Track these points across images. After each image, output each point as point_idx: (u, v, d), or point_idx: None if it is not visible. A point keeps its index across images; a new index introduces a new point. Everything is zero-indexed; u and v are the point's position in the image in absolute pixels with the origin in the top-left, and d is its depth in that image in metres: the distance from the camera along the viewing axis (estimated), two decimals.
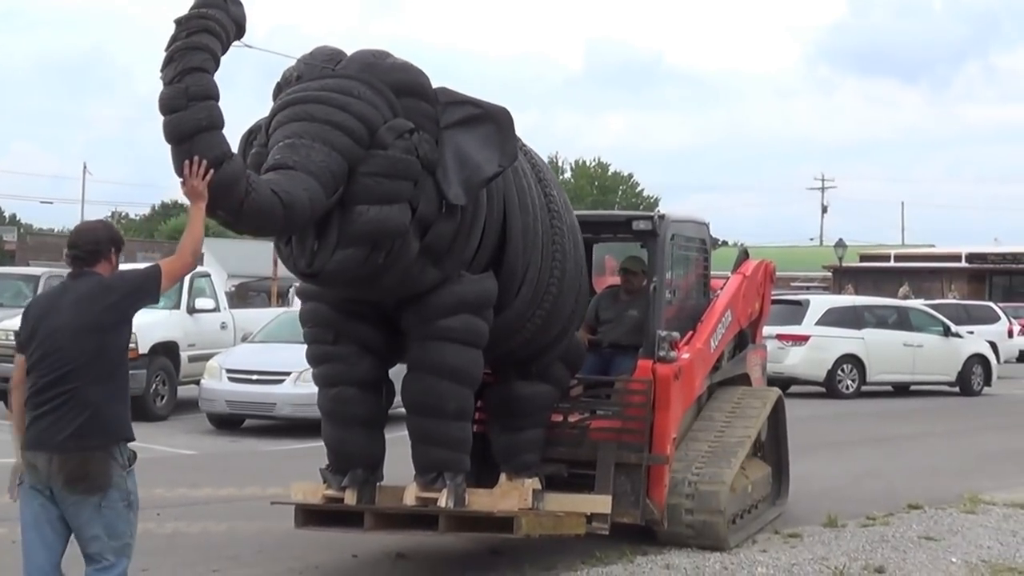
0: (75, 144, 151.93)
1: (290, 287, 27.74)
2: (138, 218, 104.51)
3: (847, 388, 25.25)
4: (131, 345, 6.64)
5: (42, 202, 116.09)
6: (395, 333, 8.51)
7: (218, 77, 6.83)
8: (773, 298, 26.75)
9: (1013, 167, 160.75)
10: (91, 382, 6.00)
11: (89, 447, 6.00)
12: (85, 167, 71.12)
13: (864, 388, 25.53)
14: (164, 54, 6.75)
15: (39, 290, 23.54)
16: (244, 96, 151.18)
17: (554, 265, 9.03)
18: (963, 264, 59.84)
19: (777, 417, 11.73)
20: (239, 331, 20.60)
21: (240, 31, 6.99)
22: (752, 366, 12.26)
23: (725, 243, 65.01)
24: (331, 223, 7.58)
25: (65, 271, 24.28)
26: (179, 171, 6.63)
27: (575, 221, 9.61)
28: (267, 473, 13.79)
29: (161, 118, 6.76)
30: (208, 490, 12.39)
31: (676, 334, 10.17)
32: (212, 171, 6.57)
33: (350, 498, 8.52)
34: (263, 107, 7.30)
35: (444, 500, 8.24)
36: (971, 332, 29.29)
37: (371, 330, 8.48)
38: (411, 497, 8.39)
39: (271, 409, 17.34)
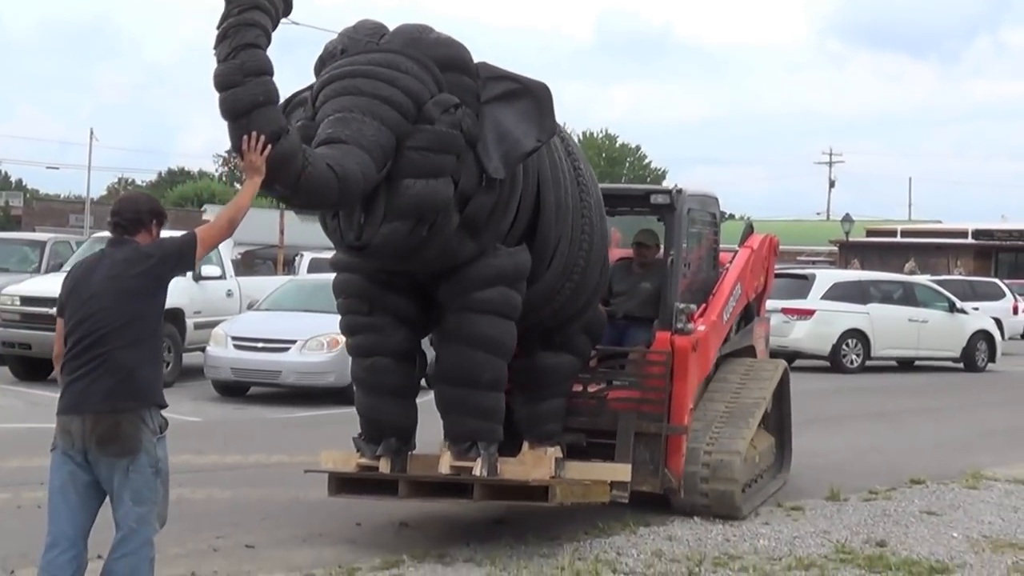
0: (82, 110, 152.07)
1: (296, 255, 27.73)
2: (145, 184, 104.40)
3: (851, 363, 25.28)
4: None
5: (48, 167, 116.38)
6: (428, 304, 8.62)
7: None
8: (779, 272, 26.94)
9: (1022, 144, 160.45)
10: (125, 346, 6.06)
11: (121, 409, 6.06)
12: (92, 133, 70.62)
13: (868, 363, 25.60)
14: (216, 31, 6.83)
15: (45, 256, 23.56)
16: None
17: (583, 238, 9.18)
18: (969, 240, 59.77)
19: (782, 388, 11.80)
20: (245, 299, 20.66)
21: (288, 7, 7.09)
22: (757, 338, 12.43)
23: (732, 216, 65.02)
24: (378, 197, 7.70)
25: (71, 237, 24.35)
26: (237, 146, 6.77)
27: (600, 194, 9.71)
28: (272, 441, 13.85)
29: (216, 94, 6.85)
30: (213, 457, 12.43)
31: (693, 306, 10.34)
32: (270, 146, 6.67)
33: (384, 467, 8.66)
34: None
35: (478, 469, 8.41)
36: (976, 308, 29.34)
37: (405, 301, 8.60)
38: (445, 466, 8.55)
39: (276, 377, 17.39)
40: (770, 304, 22.97)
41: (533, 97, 8.41)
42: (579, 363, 9.80)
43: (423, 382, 9.14)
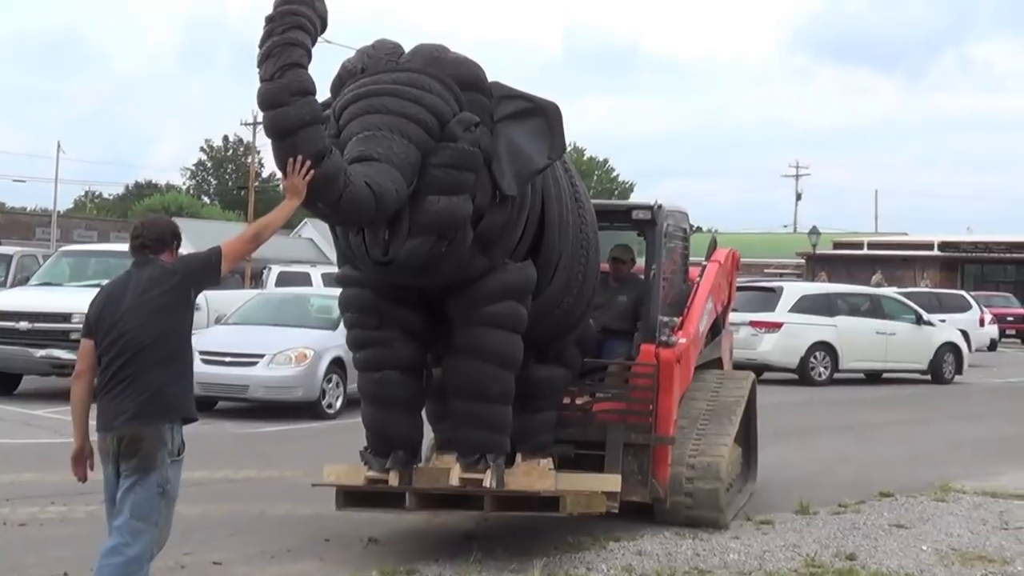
0: (49, 122, 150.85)
1: (264, 269, 27.65)
2: (112, 197, 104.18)
3: (819, 375, 25.34)
4: None
5: (15, 180, 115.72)
6: (435, 318, 8.70)
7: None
8: (747, 284, 26.97)
9: (986, 157, 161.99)
10: (155, 363, 6.21)
11: (145, 423, 6.21)
12: (59, 145, 70.63)
13: (836, 375, 25.65)
14: (259, 50, 6.98)
15: (11, 269, 23.41)
16: (221, 75, 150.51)
17: (581, 253, 9.35)
18: (936, 252, 60.19)
19: (749, 400, 11.87)
20: (213, 312, 20.55)
21: (324, 26, 7.21)
22: (724, 350, 12.65)
23: (699, 229, 65.28)
24: (403, 213, 7.82)
25: (38, 250, 24.08)
26: (281, 166, 6.99)
27: (593, 209, 9.85)
28: (240, 456, 13.77)
29: (260, 113, 7.07)
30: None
31: (676, 319, 10.54)
32: (313, 166, 6.90)
33: (393, 480, 8.68)
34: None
35: (488, 481, 8.50)
36: (943, 320, 29.45)
37: (413, 315, 8.68)
38: (455, 478, 8.62)
39: (244, 391, 17.28)
40: (738, 317, 23.20)
41: (544, 116, 8.62)
42: (571, 376, 9.92)
43: None
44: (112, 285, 6.53)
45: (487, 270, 8.46)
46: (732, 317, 15.25)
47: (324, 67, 8.47)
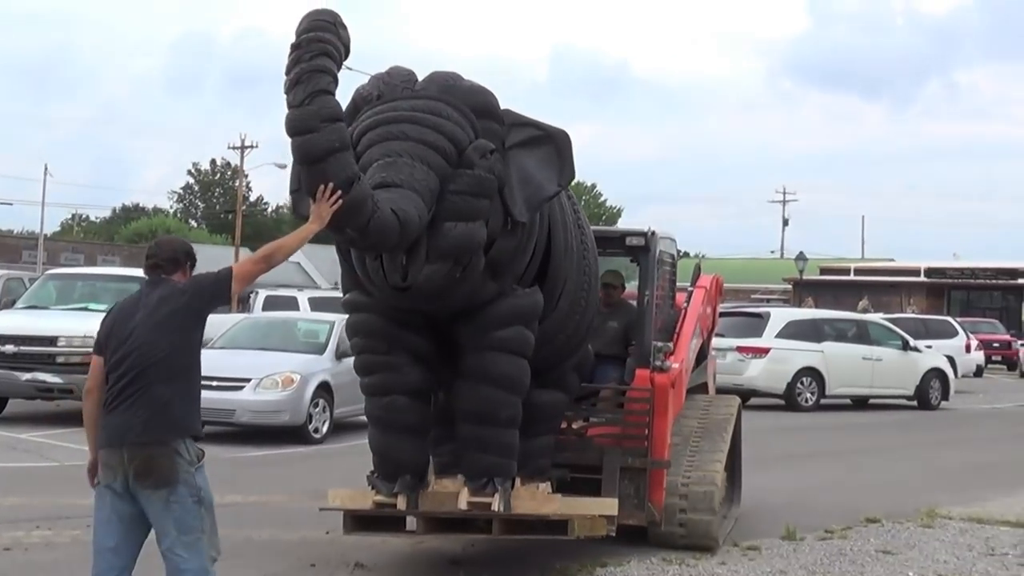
0: (36, 145, 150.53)
1: (251, 293, 27.59)
2: (99, 220, 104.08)
3: (806, 401, 25.35)
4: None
5: (1, 203, 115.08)
6: (441, 343, 8.72)
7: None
8: (734, 310, 26.96)
9: (972, 183, 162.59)
10: (162, 380, 6.26)
11: (154, 442, 6.23)
12: (46, 169, 70.47)
13: (823, 401, 25.65)
14: (286, 76, 7.01)
15: None
16: (209, 98, 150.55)
17: (584, 279, 9.41)
18: (922, 279, 60.39)
19: (735, 424, 11.89)
20: None
21: (347, 53, 7.24)
22: (709, 375, 12.72)
23: (687, 255, 65.39)
24: (420, 239, 7.84)
25: (25, 273, 24.03)
26: (311, 192, 7.03)
27: (592, 235, 9.92)
28: (225, 480, 13.67)
29: (289, 139, 7.09)
30: None
31: (670, 345, 10.62)
32: (342, 193, 6.96)
33: (401, 503, 8.69)
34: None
35: (496, 504, 8.51)
36: (929, 346, 29.50)
37: (422, 340, 8.68)
38: (463, 502, 8.61)
39: (230, 416, 17.17)
40: (725, 342, 23.22)
41: (554, 144, 8.68)
42: (570, 400, 9.94)
43: None
44: (124, 303, 6.59)
45: (496, 295, 8.49)
46: (719, 343, 15.30)
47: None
